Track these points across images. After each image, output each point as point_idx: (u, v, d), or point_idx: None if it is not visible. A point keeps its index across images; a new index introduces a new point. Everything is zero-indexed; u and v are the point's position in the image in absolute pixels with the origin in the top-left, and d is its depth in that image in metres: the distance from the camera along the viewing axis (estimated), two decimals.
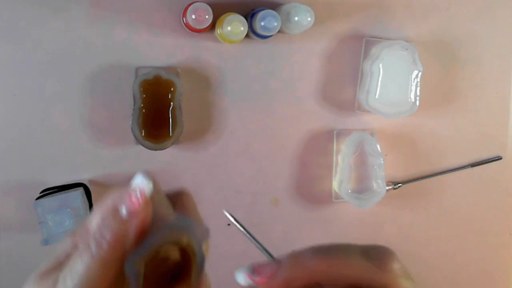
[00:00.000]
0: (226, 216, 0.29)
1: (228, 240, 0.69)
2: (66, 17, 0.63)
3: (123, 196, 0.26)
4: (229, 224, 0.28)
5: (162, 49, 0.66)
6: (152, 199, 0.26)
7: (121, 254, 0.25)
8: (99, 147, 0.66)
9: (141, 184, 0.26)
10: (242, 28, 0.61)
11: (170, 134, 0.64)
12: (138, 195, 0.25)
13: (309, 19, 0.62)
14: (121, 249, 0.25)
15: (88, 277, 0.24)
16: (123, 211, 0.25)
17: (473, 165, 0.77)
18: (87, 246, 0.25)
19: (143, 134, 0.63)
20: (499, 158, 0.78)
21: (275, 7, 0.66)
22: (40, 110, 0.64)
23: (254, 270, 0.26)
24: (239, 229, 0.28)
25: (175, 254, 0.27)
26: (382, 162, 0.71)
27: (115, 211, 0.26)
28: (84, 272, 0.24)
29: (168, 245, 0.26)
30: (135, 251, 0.25)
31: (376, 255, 0.25)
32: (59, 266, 0.26)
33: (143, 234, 0.26)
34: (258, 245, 0.28)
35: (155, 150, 0.64)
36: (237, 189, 0.71)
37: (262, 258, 0.28)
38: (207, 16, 0.60)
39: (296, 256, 0.26)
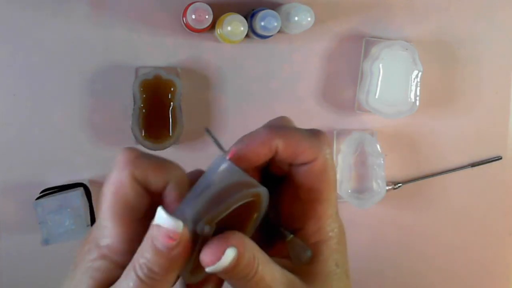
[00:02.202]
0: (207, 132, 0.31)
1: None
2: (66, 17, 0.63)
3: (154, 232, 0.24)
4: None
5: (162, 49, 0.66)
6: (187, 228, 0.24)
7: (174, 275, 0.25)
8: (99, 147, 0.66)
9: (168, 225, 0.23)
10: (242, 28, 0.61)
11: (170, 134, 0.64)
12: (171, 235, 0.23)
13: (309, 19, 0.62)
14: (174, 273, 0.25)
15: None
16: (160, 247, 0.24)
17: (473, 165, 0.77)
18: (135, 275, 0.24)
19: (143, 134, 0.63)
20: (499, 158, 0.78)
21: (275, 7, 0.66)
22: (40, 110, 0.64)
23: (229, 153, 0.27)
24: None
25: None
26: (382, 162, 0.71)
27: (153, 245, 0.24)
28: None
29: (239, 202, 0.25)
30: (207, 209, 0.25)
31: (317, 134, 0.30)
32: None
33: (191, 250, 0.25)
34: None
35: (155, 150, 0.64)
36: None
37: None
38: (207, 16, 0.60)
39: (251, 133, 0.29)
